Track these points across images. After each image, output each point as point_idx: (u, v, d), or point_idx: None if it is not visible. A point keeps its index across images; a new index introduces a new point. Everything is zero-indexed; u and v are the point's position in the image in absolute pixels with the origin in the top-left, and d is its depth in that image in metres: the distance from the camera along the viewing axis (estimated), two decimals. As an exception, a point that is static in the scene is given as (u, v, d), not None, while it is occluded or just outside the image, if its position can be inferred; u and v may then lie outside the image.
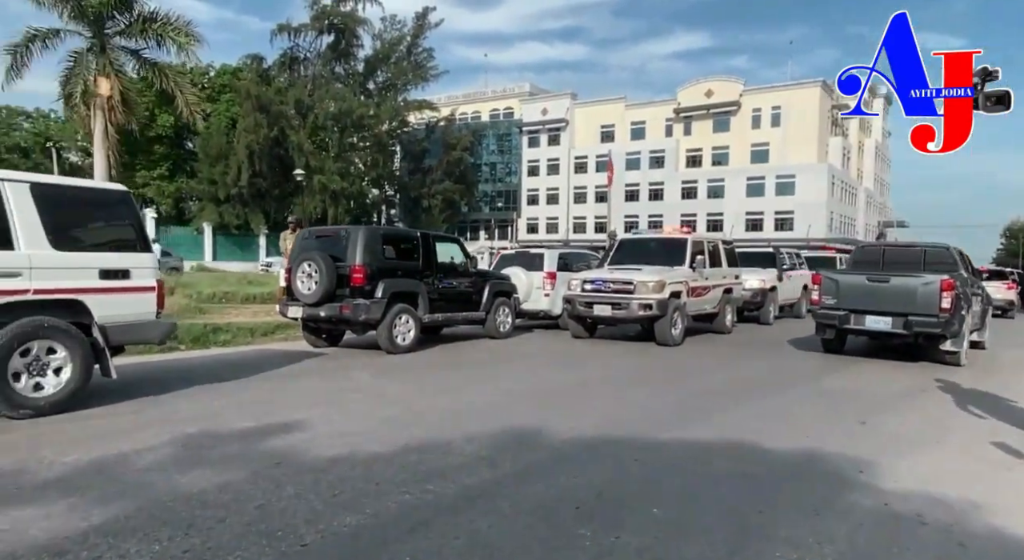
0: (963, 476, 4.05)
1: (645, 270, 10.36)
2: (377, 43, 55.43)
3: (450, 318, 10.00)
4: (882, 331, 8.90)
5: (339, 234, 9.04)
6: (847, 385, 7.24)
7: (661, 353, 9.56)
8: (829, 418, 5.56)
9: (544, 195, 71.97)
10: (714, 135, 62.48)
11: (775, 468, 4.10)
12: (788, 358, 9.45)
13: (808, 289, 16.51)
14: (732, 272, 12.43)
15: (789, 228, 54.98)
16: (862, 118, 69.84)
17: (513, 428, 4.85)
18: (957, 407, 6.25)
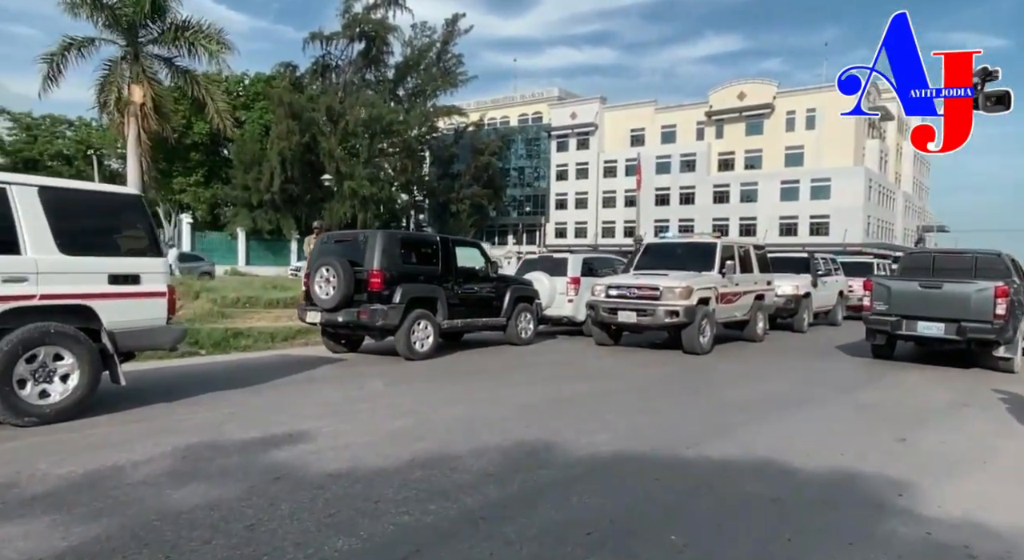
0: (1014, 502, 3.69)
1: (672, 275, 10.04)
2: (407, 50, 55.81)
3: (470, 324, 9.82)
4: (935, 337, 8.93)
5: (357, 239, 8.94)
6: (885, 398, 6.84)
7: (688, 362, 9.23)
8: (866, 435, 5.21)
9: (573, 200, 71.67)
10: (747, 138, 61.39)
11: (807, 491, 3.80)
12: (823, 368, 9.04)
13: (844, 295, 16.00)
14: (764, 278, 12.00)
15: (825, 233, 53.60)
16: (900, 120, 68.02)
17: (526, 442, 4.63)
18: (1004, 424, 5.83)
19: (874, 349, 9.86)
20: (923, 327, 8.96)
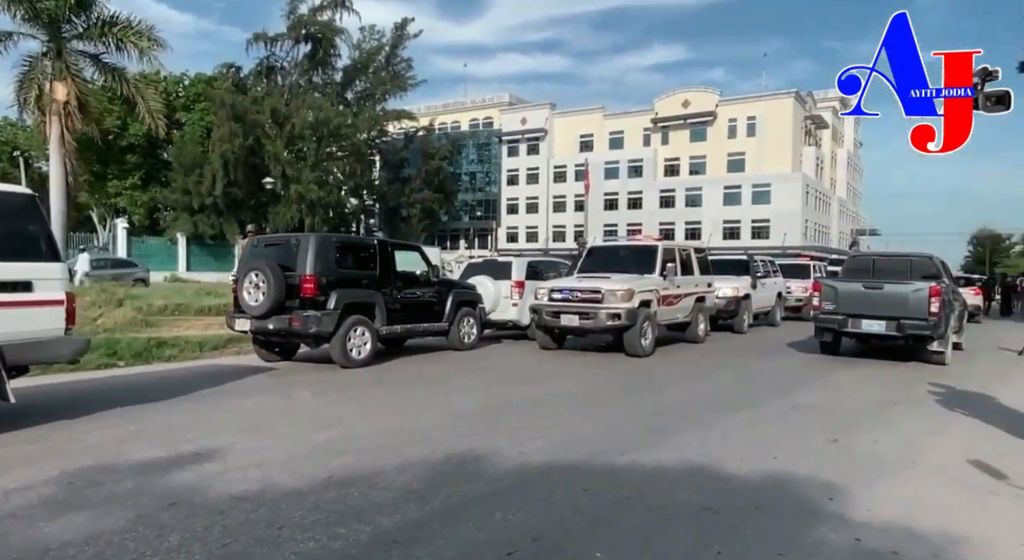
0: (942, 503, 3.68)
1: (614, 278, 9.98)
2: (355, 53, 55.03)
3: (410, 330, 9.53)
4: (877, 334, 9.70)
5: (289, 242, 8.54)
6: (821, 398, 6.89)
7: (630, 365, 9.17)
8: (799, 436, 5.18)
9: (524, 204, 71.88)
10: (691, 145, 62.82)
11: (739, 498, 3.69)
12: (762, 368, 9.11)
13: (783, 297, 16.37)
14: (705, 280, 12.11)
15: (765, 236, 55.26)
16: (834, 129, 70.79)
17: (455, 454, 4.40)
18: (931, 421, 5.92)
19: (822, 345, 10.49)
20: (867, 325, 9.67)
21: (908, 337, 9.46)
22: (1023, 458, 4.65)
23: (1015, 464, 4.44)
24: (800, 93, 60.04)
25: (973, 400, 6.94)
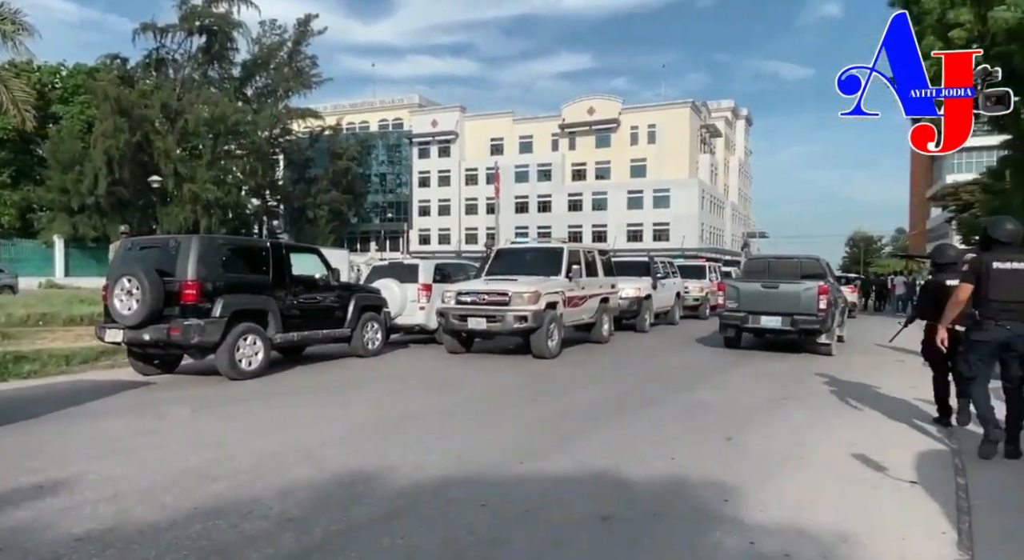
0: (829, 499, 3.75)
1: (521, 281, 9.89)
2: (255, 48, 52.60)
3: (308, 337, 9.02)
4: (774, 328, 10.58)
5: (168, 245, 7.83)
6: (717, 396, 7.05)
7: (536, 367, 9.09)
8: (696, 436, 5.22)
9: (436, 206, 71.22)
10: (597, 150, 64.53)
11: (638, 505, 3.61)
12: (662, 367, 9.28)
13: (681, 296, 16.96)
14: (608, 281, 12.28)
15: (666, 239, 57.64)
16: (727, 137, 74.93)
17: (344, 474, 4.08)
18: (819, 414, 6.17)
19: (726, 340, 11.41)
20: (765, 321, 10.55)
21: (800, 331, 10.40)
22: (900, 449, 4.89)
23: (893, 455, 4.66)
24: (696, 103, 63.11)
25: (855, 391, 7.35)
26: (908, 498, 3.83)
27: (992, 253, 4.79)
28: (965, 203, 34.82)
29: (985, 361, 4.78)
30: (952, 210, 37.73)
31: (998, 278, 4.64)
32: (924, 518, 3.50)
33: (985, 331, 4.69)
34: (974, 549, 3.09)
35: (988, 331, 4.67)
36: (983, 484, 4.11)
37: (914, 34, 19.99)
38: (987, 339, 4.69)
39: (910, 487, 4.00)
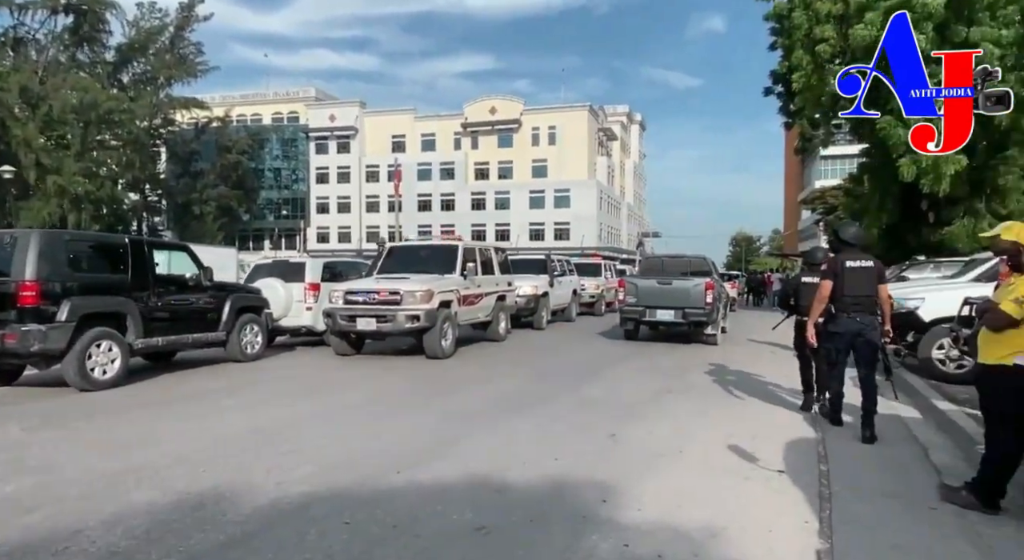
0: (703, 495, 3.76)
1: (413, 279, 9.58)
2: (132, 31, 48.60)
3: (176, 342, 8.26)
4: (669, 321, 11.55)
5: (3, 241, 6.89)
6: (606, 391, 7.09)
7: (429, 367, 8.82)
8: (582, 433, 5.17)
9: (335, 203, 69.00)
10: (499, 150, 64.95)
11: (517, 511, 3.45)
12: (556, 363, 9.28)
13: (577, 294, 17.23)
14: (505, 279, 12.20)
15: (567, 238, 58.94)
16: (623, 140, 77.71)
17: (196, 494, 3.65)
18: (700, 405, 6.33)
19: (626, 332, 12.32)
20: (660, 314, 11.51)
21: (690, 323, 11.39)
22: (770, 438, 5.05)
23: (764, 445, 4.80)
24: (593, 107, 64.96)
25: (733, 381, 7.64)
26: (777, 488, 3.92)
27: (843, 254, 5.29)
28: (831, 206, 37.99)
29: (841, 349, 5.26)
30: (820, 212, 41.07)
31: (849, 276, 5.14)
32: (790, 508, 3.57)
33: (839, 323, 5.21)
34: (833, 537, 3.17)
35: (842, 323, 5.19)
36: (844, 470, 4.29)
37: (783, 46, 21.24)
38: (842, 330, 5.20)
39: (778, 477, 4.11)
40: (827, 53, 17.94)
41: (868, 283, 5.16)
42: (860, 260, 5.21)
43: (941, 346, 7.81)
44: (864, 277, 5.16)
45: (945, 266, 14.87)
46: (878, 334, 5.21)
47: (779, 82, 22.14)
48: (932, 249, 17.67)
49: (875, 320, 5.21)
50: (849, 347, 5.23)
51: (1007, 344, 3.50)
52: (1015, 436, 3.51)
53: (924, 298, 8.09)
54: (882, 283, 5.28)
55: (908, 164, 16.10)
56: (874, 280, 5.20)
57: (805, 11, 18.25)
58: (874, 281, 5.20)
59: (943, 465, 4.48)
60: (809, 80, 18.49)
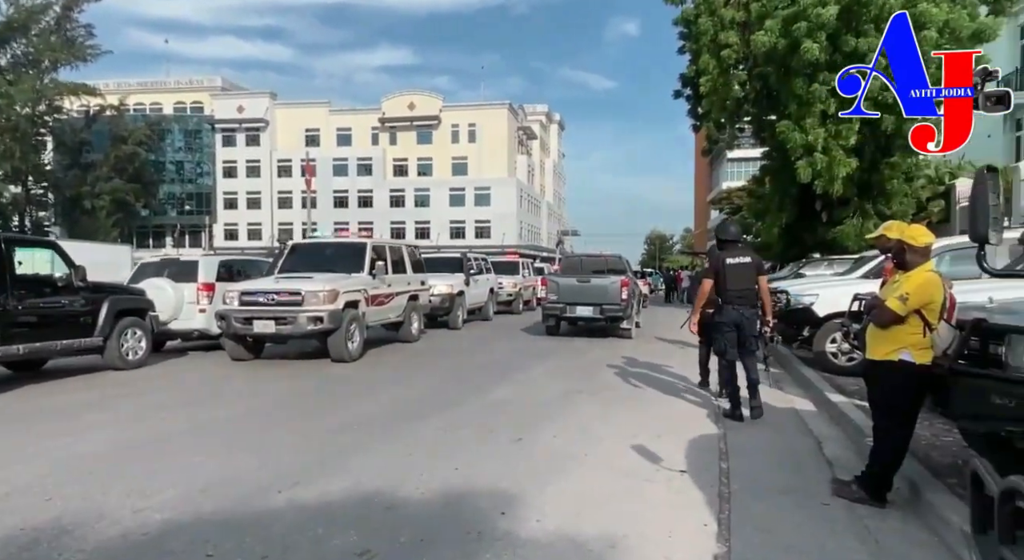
0: (605, 501, 3.63)
1: (317, 278, 9.07)
2: (10, 9, 44.37)
3: (41, 349, 7.42)
4: (588, 317, 12.17)
5: None
6: (515, 392, 6.92)
7: (333, 372, 8.38)
8: (487, 439, 4.96)
9: (244, 199, 65.91)
10: (418, 146, 64.07)
11: (406, 531, 3.19)
12: (467, 364, 9.05)
13: (495, 292, 17.08)
14: (418, 278, 11.85)
15: (487, 236, 58.91)
16: (542, 140, 78.55)
17: (32, 529, 3.15)
18: (608, 405, 6.28)
19: (547, 329, 12.93)
20: (580, 310, 12.11)
21: (607, 318, 12.05)
22: (675, 436, 5.03)
23: (668, 445, 4.76)
24: (513, 105, 65.20)
25: (643, 378, 7.69)
26: (678, 488, 3.86)
27: (724, 251, 5.79)
28: (736, 206, 39.86)
29: (728, 337, 5.74)
30: (727, 212, 43.00)
31: (730, 271, 5.64)
32: (691, 510, 3.50)
33: (724, 314, 5.73)
34: (731, 540, 3.11)
35: (726, 314, 5.71)
36: (743, 467, 4.29)
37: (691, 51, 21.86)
38: (727, 320, 5.71)
39: (680, 477, 4.05)
40: (731, 58, 18.63)
41: (748, 277, 5.65)
42: (739, 256, 5.69)
43: (834, 340, 8.17)
44: (744, 271, 5.64)
45: (837, 263, 15.81)
46: (756, 324, 5.79)
47: (688, 85, 22.83)
48: (826, 247, 18.71)
49: (755, 311, 5.76)
50: (736, 336, 5.71)
51: (893, 340, 3.57)
52: (901, 430, 3.59)
53: (818, 294, 8.44)
54: (761, 275, 5.78)
55: (804, 166, 16.97)
56: (753, 274, 5.70)
57: (711, 17, 18.86)
58: (753, 275, 5.70)
59: (835, 458, 4.58)
60: (715, 84, 19.14)
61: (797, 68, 16.84)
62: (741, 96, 20.61)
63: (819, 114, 16.97)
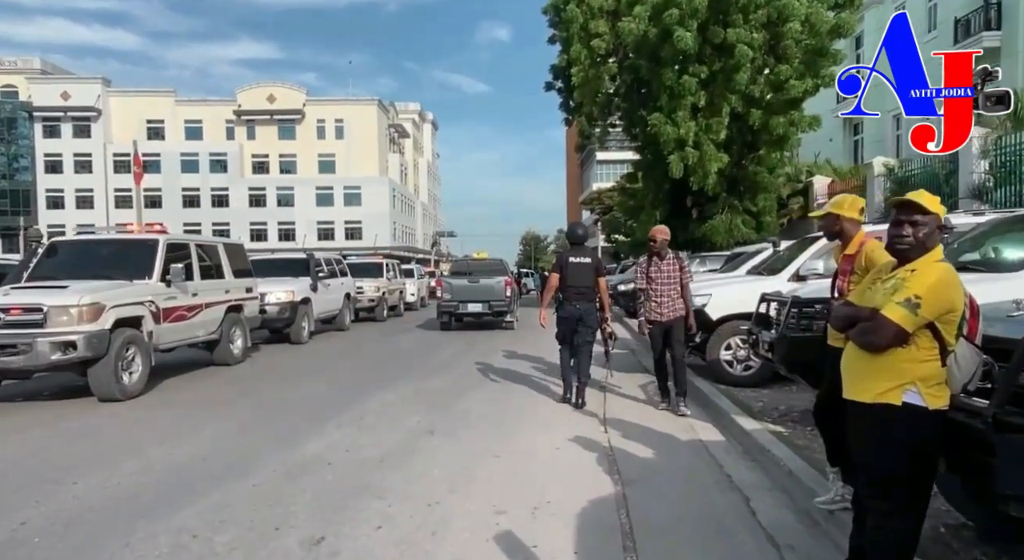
0: None
1: (73, 288, 6.62)
2: None
3: None
4: (479, 312, 13.97)
5: None
6: (336, 441, 5.07)
7: (93, 418, 6.03)
8: (265, 544, 3.12)
9: (72, 197, 58.13)
10: (280, 142, 59.65)
11: None
12: (288, 397, 6.96)
13: (352, 298, 15.01)
14: (242, 284, 9.56)
15: (359, 237, 55.83)
16: (416, 139, 76.30)
17: None
18: (468, 459, 4.62)
19: (442, 325, 14.45)
20: (472, 307, 13.92)
21: (495, 312, 13.95)
22: (556, 507, 3.47)
23: (548, 527, 3.17)
24: (383, 101, 62.47)
25: (515, 397, 6.12)
26: None
27: (568, 251, 6.34)
28: (607, 206, 40.20)
29: (567, 331, 6.24)
30: (597, 212, 43.33)
31: (571, 269, 6.14)
32: None
33: (564, 309, 6.24)
34: None
35: (566, 309, 6.22)
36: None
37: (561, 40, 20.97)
38: (566, 315, 6.23)
39: None
40: (602, 48, 17.77)
41: (586, 275, 6.15)
42: (580, 256, 6.21)
43: (728, 346, 7.09)
44: (583, 270, 6.15)
45: (709, 260, 15.38)
46: (595, 318, 6.25)
47: (559, 77, 21.88)
48: (696, 244, 18.41)
49: (593, 307, 6.22)
50: (573, 330, 6.19)
51: (891, 371, 2.20)
52: (906, 517, 2.22)
53: (710, 294, 7.31)
54: (600, 276, 6.26)
55: (676, 161, 16.41)
56: (592, 273, 6.18)
57: (579, 5, 17.91)
58: (592, 274, 6.18)
59: (774, 525, 3.23)
60: (587, 75, 18.21)
61: (668, 58, 16.25)
62: (611, 91, 19.97)
63: (690, 107, 16.50)
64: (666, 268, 5.89)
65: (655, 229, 6.02)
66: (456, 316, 14.06)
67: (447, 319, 14.14)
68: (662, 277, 5.87)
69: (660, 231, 5.98)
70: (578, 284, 6.11)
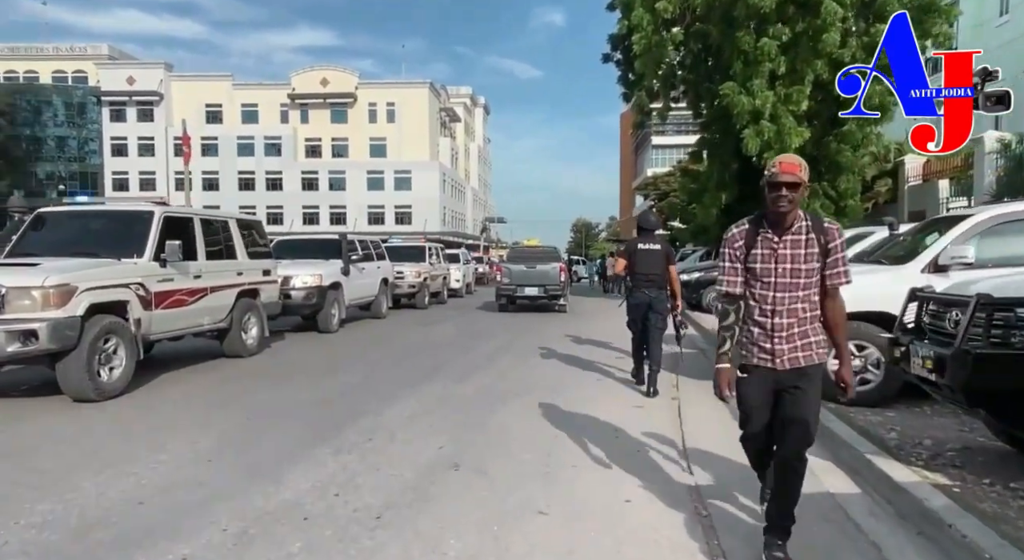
0: None
1: (43, 265, 5.63)
2: None
3: None
4: (535, 295, 14.97)
5: None
6: (352, 467, 3.87)
7: (65, 418, 5.05)
8: None
9: (136, 179, 59.73)
10: (333, 125, 59.51)
11: None
12: (291, 399, 5.84)
13: (390, 283, 13.95)
14: (257, 266, 8.49)
15: (408, 222, 55.24)
16: (467, 123, 75.15)
17: None
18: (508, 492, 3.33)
19: (500, 307, 15.41)
20: (528, 290, 14.94)
21: (549, 296, 15.04)
22: None
23: None
24: (434, 84, 61.47)
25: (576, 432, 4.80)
26: None
27: (639, 238, 6.34)
28: (663, 192, 38.14)
29: (637, 318, 6.26)
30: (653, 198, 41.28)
31: (640, 256, 6.14)
32: None
33: (634, 296, 6.25)
34: None
35: (635, 296, 6.24)
36: None
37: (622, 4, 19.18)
38: (636, 303, 6.24)
39: None
40: (667, 11, 15.99)
41: (656, 263, 6.11)
42: (650, 243, 6.19)
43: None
44: (653, 257, 6.11)
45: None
46: (665, 306, 6.19)
47: (617, 47, 20.17)
48: (770, 230, 16.50)
49: (663, 294, 6.17)
50: (644, 316, 6.17)
51: None
52: None
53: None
54: (670, 264, 6.20)
55: (752, 136, 14.53)
56: (662, 261, 6.13)
57: (644, -38, 16.16)
58: (662, 261, 6.13)
59: None
60: (649, 42, 16.45)
61: (742, 19, 14.40)
62: (676, 61, 18.18)
63: (767, 74, 14.60)
64: (792, 249, 2.58)
65: (784, 160, 2.56)
66: (512, 299, 15.10)
67: (504, 301, 15.28)
68: (785, 268, 2.59)
69: (793, 164, 2.52)
70: (647, 271, 6.12)
